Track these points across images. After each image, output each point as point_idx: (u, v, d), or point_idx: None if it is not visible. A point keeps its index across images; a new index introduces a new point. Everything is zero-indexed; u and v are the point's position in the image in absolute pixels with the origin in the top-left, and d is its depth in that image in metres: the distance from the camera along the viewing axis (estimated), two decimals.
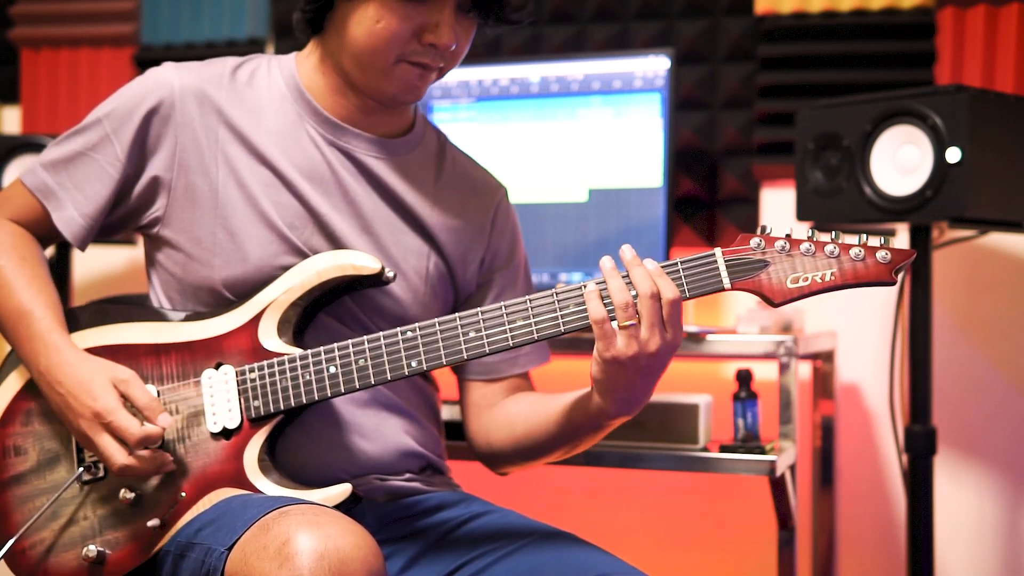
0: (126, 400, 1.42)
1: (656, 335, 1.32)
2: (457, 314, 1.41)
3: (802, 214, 2.19)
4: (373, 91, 1.52)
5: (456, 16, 1.46)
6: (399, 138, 1.60)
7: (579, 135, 2.41)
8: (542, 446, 1.55)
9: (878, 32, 2.53)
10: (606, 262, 1.34)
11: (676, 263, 1.35)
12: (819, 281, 1.31)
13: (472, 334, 1.40)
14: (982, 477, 2.50)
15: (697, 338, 2.09)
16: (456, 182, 1.65)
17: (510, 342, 1.38)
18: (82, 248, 1.57)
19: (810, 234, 1.33)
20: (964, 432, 2.50)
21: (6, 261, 1.52)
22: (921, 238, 2.13)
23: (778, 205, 2.61)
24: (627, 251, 1.34)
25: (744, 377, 2.03)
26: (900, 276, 1.31)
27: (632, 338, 1.31)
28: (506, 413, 1.61)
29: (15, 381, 1.53)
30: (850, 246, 1.31)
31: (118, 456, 1.40)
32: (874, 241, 1.31)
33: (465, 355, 1.40)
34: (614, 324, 1.32)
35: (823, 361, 2.44)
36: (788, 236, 1.33)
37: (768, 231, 1.33)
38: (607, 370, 1.35)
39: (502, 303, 1.39)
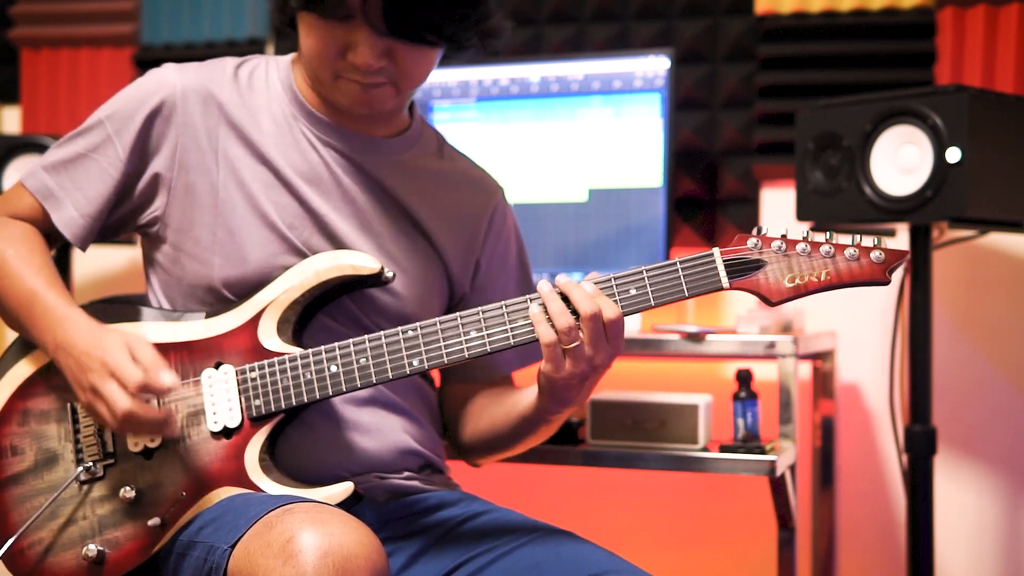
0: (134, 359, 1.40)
1: (600, 351, 1.36)
2: (458, 313, 1.41)
3: (802, 214, 2.19)
4: (331, 101, 1.53)
5: (378, 38, 1.42)
6: (396, 137, 1.60)
7: (579, 135, 2.41)
8: (503, 440, 1.61)
9: (878, 32, 2.53)
10: (543, 286, 1.37)
11: (675, 263, 1.36)
12: (815, 281, 1.34)
13: (473, 333, 1.40)
14: (982, 477, 2.50)
15: (697, 338, 2.09)
16: (454, 181, 1.65)
17: (511, 341, 1.39)
18: (83, 248, 1.56)
19: (805, 234, 1.35)
20: (964, 432, 2.50)
21: (14, 251, 1.51)
22: (921, 238, 2.13)
23: (778, 205, 2.61)
24: (561, 278, 1.37)
25: (744, 377, 2.03)
26: (895, 275, 1.33)
27: (578, 358, 1.36)
28: (472, 409, 1.67)
29: (12, 380, 1.53)
30: (845, 246, 1.33)
31: (121, 399, 1.36)
32: (868, 241, 1.33)
33: (467, 354, 1.40)
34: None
35: (823, 361, 2.44)
36: (784, 236, 1.35)
37: (764, 231, 1.36)
38: (555, 384, 1.40)
39: (503, 302, 1.40)
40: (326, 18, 1.42)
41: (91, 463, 1.47)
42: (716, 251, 1.36)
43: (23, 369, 1.53)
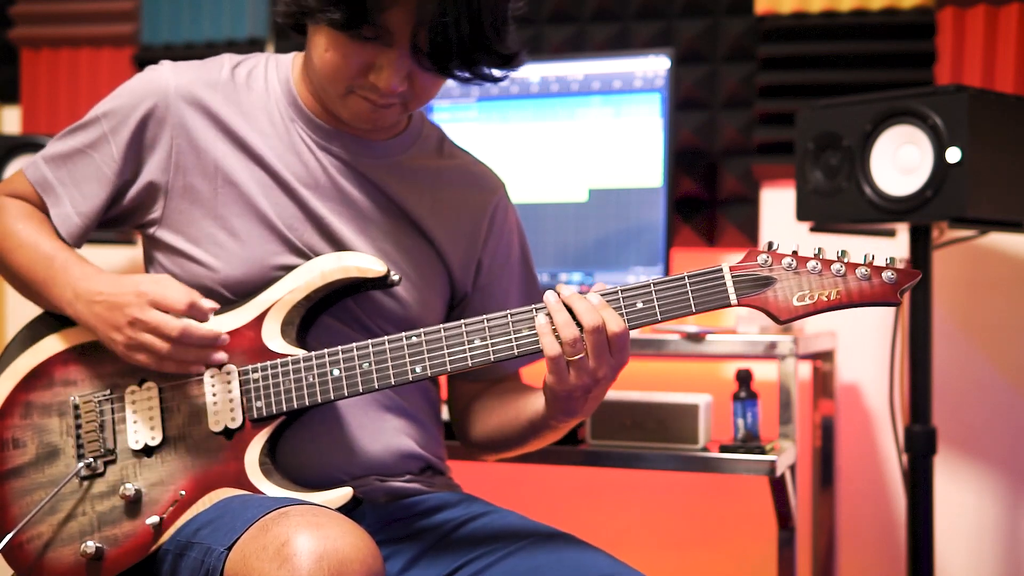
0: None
1: (604, 364, 1.35)
2: (463, 321, 1.40)
3: (802, 214, 2.19)
4: (333, 112, 1.52)
5: (406, 60, 1.42)
6: (393, 139, 1.60)
7: (579, 135, 2.41)
8: (511, 442, 1.61)
9: (878, 32, 2.53)
10: (550, 296, 1.36)
11: (683, 277, 1.35)
12: (825, 300, 1.32)
13: (477, 342, 1.40)
14: (982, 477, 2.50)
15: (697, 338, 2.09)
16: (454, 179, 1.65)
17: (515, 351, 1.39)
18: (77, 245, 1.57)
19: (816, 251, 1.33)
20: (964, 432, 2.50)
21: (24, 225, 1.53)
22: (921, 238, 2.13)
23: (778, 205, 2.61)
24: (565, 288, 1.36)
25: (744, 377, 2.03)
26: (904, 296, 1.33)
27: (582, 370, 1.35)
28: (480, 408, 1.66)
29: (15, 373, 1.52)
30: (856, 265, 1.32)
31: (171, 321, 1.39)
32: (881, 260, 1.31)
33: (470, 363, 1.40)
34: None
35: (823, 361, 2.44)
36: (795, 253, 1.34)
37: (775, 247, 1.34)
38: (558, 395, 1.39)
39: (508, 311, 1.39)
40: (357, 38, 1.41)
41: (92, 459, 1.47)
42: (725, 267, 1.35)
43: (26, 361, 1.52)
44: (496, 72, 1.48)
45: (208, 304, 1.42)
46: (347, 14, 1.38)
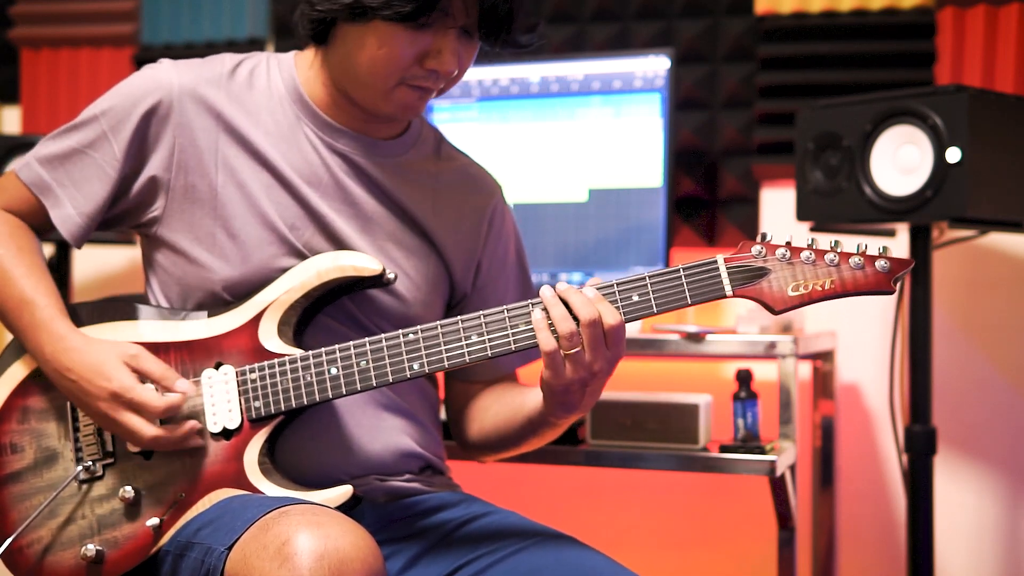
0: (140, 375, 1.42)
1: (600, 357, 1.35)
2: (459, 317, 1.41)
3: (802, 214, 2.19)
4: (371, 109, 1.52)
5: (459, 40, 1.46)
6: (396, 139, 1.60)
7: (579, 135, 2.41)
8: (509, 441, 1.61)
9: (878, 32, 2.53)
10: (546, 291, 1.36)
11: (678, 269, 1.36)
12: (819, 290, 1.33)
13: (475, 337, 1.40)
14: (982, 477, 2.50)
15: (697, 338, 2.09)
16: (454, 180, 1.65)
17: (512, 346, 1.39)
18: (78, 246, 1.56)
19: (810, 242, 1.34)
20: (964, 432, 2.50)
21: (4, 251, 1.51)
22: (921, 238, 2.13)
23: (778, 205, 2.61)
24: (562, 285, 1.37)
25: (744, 377, 2.03)
26: (899, 285, 1.33)
27: (578, 364, 1.35)
28: (477, 408, 1.66)
29: (12, 378, 1.52)
30: (850, 255, 1.32)
31: (145, 430, 1.40)
32: (874, 250, 1.32)
33: (467, 359, 1.40)
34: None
35: (823, 361, 2.44)
36: (788, 244, 1.34)
37: (769, 238, 1.35)
38: (555, 390, 1.39)
39: (504, 307, 1.39)
40: (418, 27, 1.42)
41: (90, 462, 1.47)
42: (720, 258, 1.35)
43: (23, 366, 1.52)
44: (524, 39, 1.52)
45: (182, 389, 1.43)
46: (417, 4, 1.39)
